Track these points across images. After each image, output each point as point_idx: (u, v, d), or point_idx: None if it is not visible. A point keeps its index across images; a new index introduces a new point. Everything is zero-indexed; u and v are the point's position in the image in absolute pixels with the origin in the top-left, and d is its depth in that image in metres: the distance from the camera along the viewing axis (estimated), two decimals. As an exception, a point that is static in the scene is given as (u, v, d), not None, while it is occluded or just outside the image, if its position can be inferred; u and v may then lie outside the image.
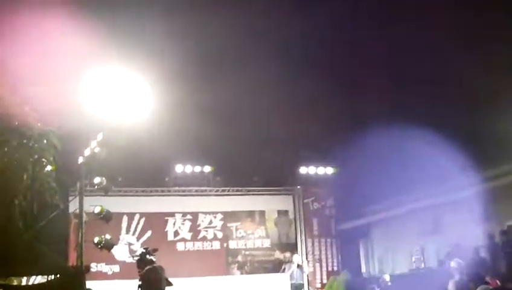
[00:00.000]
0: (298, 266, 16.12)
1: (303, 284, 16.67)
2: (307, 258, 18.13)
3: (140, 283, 10.98)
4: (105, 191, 14.23)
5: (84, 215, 11.84)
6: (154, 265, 6.14)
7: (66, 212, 11.71)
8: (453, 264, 10.04)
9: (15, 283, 11.28)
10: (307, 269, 17.32)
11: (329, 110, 18.24)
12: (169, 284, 6.23)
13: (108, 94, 9.34)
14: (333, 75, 17.04)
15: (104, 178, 13.65)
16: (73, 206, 12.39)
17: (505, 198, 14.71)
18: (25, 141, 7.52)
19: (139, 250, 12.07)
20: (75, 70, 8.57)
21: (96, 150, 11.74)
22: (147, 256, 11.42)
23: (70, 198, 12.87)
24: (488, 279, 9.68)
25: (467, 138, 16.14)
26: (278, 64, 15.62)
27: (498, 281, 10.68)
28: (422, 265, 16.69)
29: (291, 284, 15.90)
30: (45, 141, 7.80)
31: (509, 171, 14.38)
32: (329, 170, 19.13)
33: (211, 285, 16.46)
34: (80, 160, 11.46)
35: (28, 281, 12.75)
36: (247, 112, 15.98)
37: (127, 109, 9.46)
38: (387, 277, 14.36)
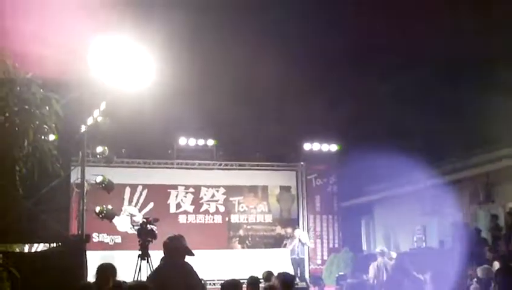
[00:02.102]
0: (300, 240, 16.12)
1: (304, 259, 16.70)
2: (308, 234, 18.16)
3: (140, 252, 11.06)
4: (107, 161, 14.28)
5: (85, 184, 11.82)
6: (175, 234, 6.05)
7: (67, 181, 11.64)
8: (378, 249, 10.79)
9: (17, 250, 11.35)
10: (309, 243, 17.32)
11: (336, 87, 18.06)
12: (191, 254, 6.14)
13: (113, 63, 9.25)
14: (341, 51, 16.77)
15: (106, 148, 13.65)
16: (75, 176, 12.36)
17: (506, 180, 14.66)
18: (26, 106, 7.41)
19: (141, 221, 12.13)
20: (80, 38, 8.44)
21: (99, 119, 11.70)
22: (148, 226, 11.49)
23: (72, 168, 12.82)
24: (488, 258, 9.69)
25: (471, 117, 16.02)
26: (287, 37, 15.39)
27: (499, 262, 10.66)
28: (424, 244, 16.69)
29: (293, 259, 15.87)
30: (47, 108, 7.69)
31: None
32: (333, 147, 19.09)
33: (212, 258, 16.49)
34: (83, 129, 11.39)
35: (30, 248, 12.85)
36: (253, 86, 15.80)
37: (130, 79, 9.38)
38: (393, 254, 14.35)
